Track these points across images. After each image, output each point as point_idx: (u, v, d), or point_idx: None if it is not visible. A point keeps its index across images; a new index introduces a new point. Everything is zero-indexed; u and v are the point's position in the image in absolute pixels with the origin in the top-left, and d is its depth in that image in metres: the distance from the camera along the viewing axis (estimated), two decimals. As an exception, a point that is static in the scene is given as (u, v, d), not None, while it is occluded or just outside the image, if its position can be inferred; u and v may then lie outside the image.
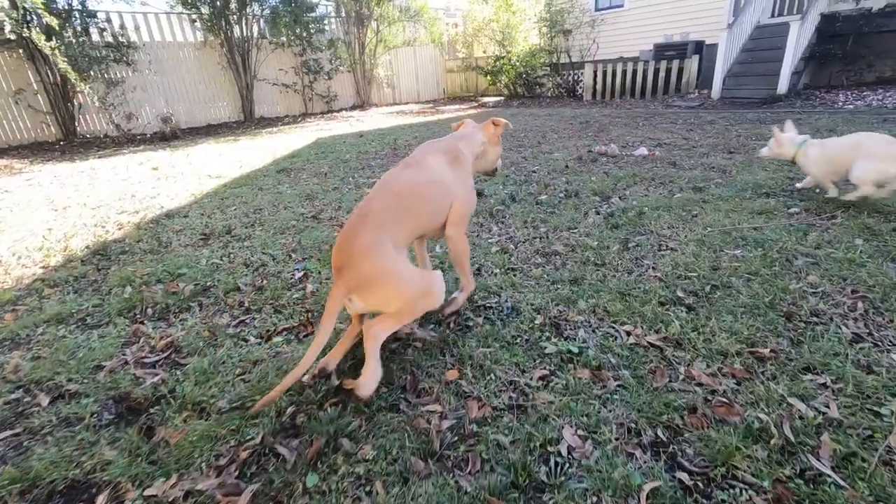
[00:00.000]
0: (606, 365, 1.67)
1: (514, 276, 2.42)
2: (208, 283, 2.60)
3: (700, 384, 1.54)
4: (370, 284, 1.55)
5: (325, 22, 13.68)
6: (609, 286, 2.21)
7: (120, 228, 3.79)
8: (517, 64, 13.23)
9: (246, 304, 2.33)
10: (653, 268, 2.39)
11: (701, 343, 1.74)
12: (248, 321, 2.18)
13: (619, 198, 3.59)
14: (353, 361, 1.75)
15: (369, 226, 1.60)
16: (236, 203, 4.28)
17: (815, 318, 1.85)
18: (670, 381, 1.56)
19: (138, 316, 2.29)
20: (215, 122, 12.45)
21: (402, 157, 6.16)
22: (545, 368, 1.68)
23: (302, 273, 2.64)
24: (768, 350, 1.67)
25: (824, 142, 3.05)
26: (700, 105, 9.16)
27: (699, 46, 10.67)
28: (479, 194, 3.80)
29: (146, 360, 1.91)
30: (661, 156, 4.86)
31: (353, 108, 14.91)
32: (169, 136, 10.19)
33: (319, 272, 2.64)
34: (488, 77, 14.57)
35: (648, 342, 1.77)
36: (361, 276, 1.54)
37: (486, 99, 15.00)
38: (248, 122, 12.56)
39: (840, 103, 7.82)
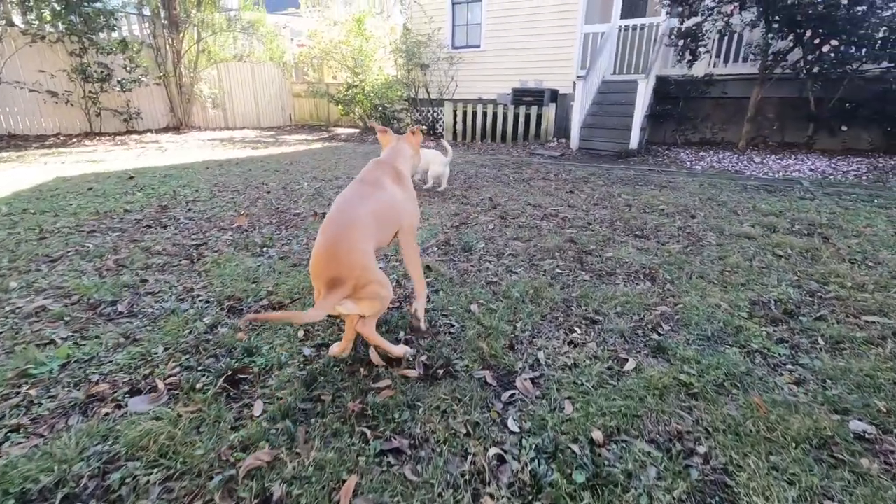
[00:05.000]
0: None
1: None
2: None
3: None
4: (366, 294, 1.57)
5: (120, 17, 10.00)
6: None
7: None
8: (371, 94, 11.26)
9: None
10: None
11: None
12: None
13: (531, 377, 1.70)
14: None
15: (360, 237, 1.61)
16: None
17: None
18: None
19: None
20: (-83, 138, 7.87)
21: (177, 220, 3.38)
22: None
23: None
24: None
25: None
26: (562, 155, 8.28)
27: (554, 95, 10.06)
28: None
29: None
30: (557, 237, 3.23)
31: (167, 129, 11.25)
32: None
33: None
34: (340, 106, 12.31)
35: None
36: (359, 285, 1.54)
37: (339, 130, 12.68)
38: (-19, 140, 8.24)
39: (688, 163, 7.51)
